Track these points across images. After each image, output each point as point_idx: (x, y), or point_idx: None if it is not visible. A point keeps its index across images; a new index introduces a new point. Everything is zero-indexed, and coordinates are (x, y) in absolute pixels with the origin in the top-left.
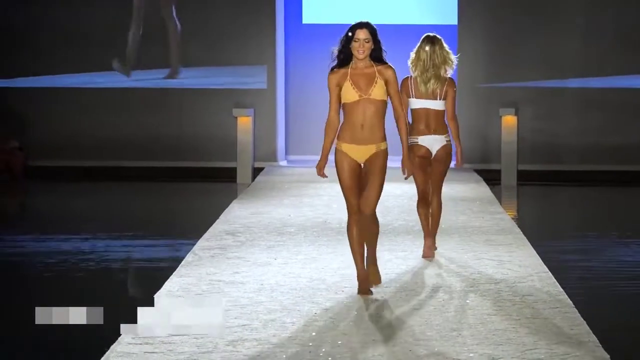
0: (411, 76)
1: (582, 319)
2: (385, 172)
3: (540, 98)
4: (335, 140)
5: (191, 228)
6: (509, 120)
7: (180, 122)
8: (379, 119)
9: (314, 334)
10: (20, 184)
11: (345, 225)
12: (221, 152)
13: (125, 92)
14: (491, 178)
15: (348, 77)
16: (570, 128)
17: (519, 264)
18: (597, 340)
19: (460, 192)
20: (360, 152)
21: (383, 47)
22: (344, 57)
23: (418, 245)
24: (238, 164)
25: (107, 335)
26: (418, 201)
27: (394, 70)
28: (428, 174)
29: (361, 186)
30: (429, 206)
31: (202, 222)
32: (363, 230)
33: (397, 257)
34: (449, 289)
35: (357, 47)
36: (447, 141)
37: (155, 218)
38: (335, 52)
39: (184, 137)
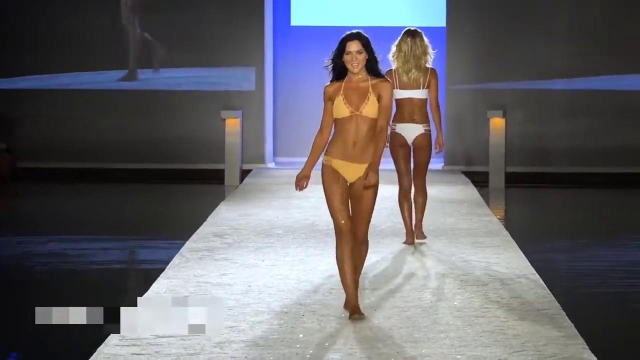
0: (392, 69)
1: (569, 321)
2: (376, 193)
3: (528, 100)
4: (323, 155)
5: (179, 230)
6: (497, 123)
7: (168, 124)
8: (370, 138)
9: (301, 335)
10: (8, 186)
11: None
12: (209, 154)
13: (113, 94)
14: (479, 180)
15: (341, 91)
16: (558, 130)
17: (507, 265)
18: (585, 342)
19: (448, 194)
20: (350, 171)
21: (378, 57)
22: (339, 71)
23: (405, 247)
24: (226, 166)
25: (93, 337)
26: (400, 194)
27: (390, 84)
28: (410, 163)
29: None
30: (410, 199)
31: (190, 224)
32: (354, 255)
33: (384, 259)
34: (437, 291)
35: (350, 60)
36: (425, 130)
37: (142, 220)
38: (329, 67)
39: (172, 139)
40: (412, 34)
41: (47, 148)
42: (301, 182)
